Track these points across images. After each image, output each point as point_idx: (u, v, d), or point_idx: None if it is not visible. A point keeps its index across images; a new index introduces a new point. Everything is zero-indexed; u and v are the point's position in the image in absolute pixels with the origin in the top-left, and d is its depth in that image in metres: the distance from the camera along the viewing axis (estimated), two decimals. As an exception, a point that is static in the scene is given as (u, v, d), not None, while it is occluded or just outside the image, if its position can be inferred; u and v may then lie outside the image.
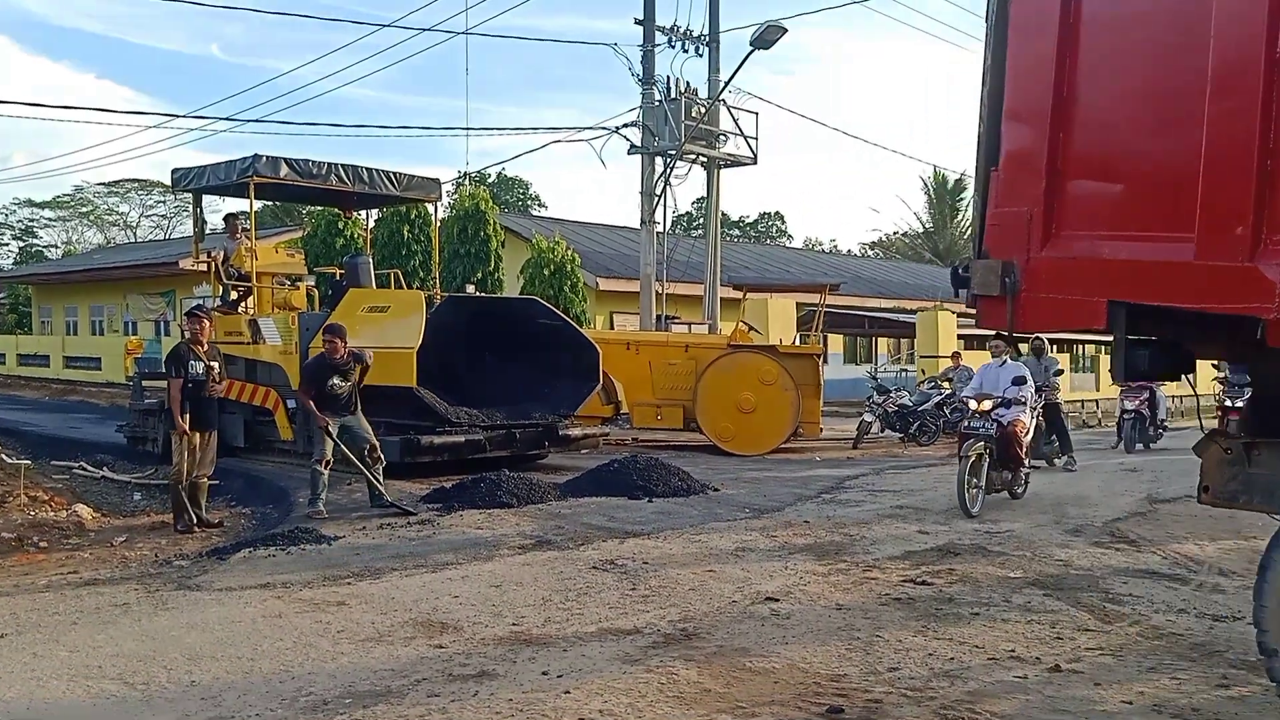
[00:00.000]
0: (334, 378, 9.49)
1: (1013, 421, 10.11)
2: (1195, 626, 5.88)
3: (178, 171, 13.55)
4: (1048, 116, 4.40)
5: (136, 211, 59.33)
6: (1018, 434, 10.07)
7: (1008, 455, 10.04)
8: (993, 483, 9.98)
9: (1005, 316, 4.53)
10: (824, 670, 5.04)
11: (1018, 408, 10.23)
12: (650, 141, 19.56)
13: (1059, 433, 13.70)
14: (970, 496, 9.54)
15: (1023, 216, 4.47)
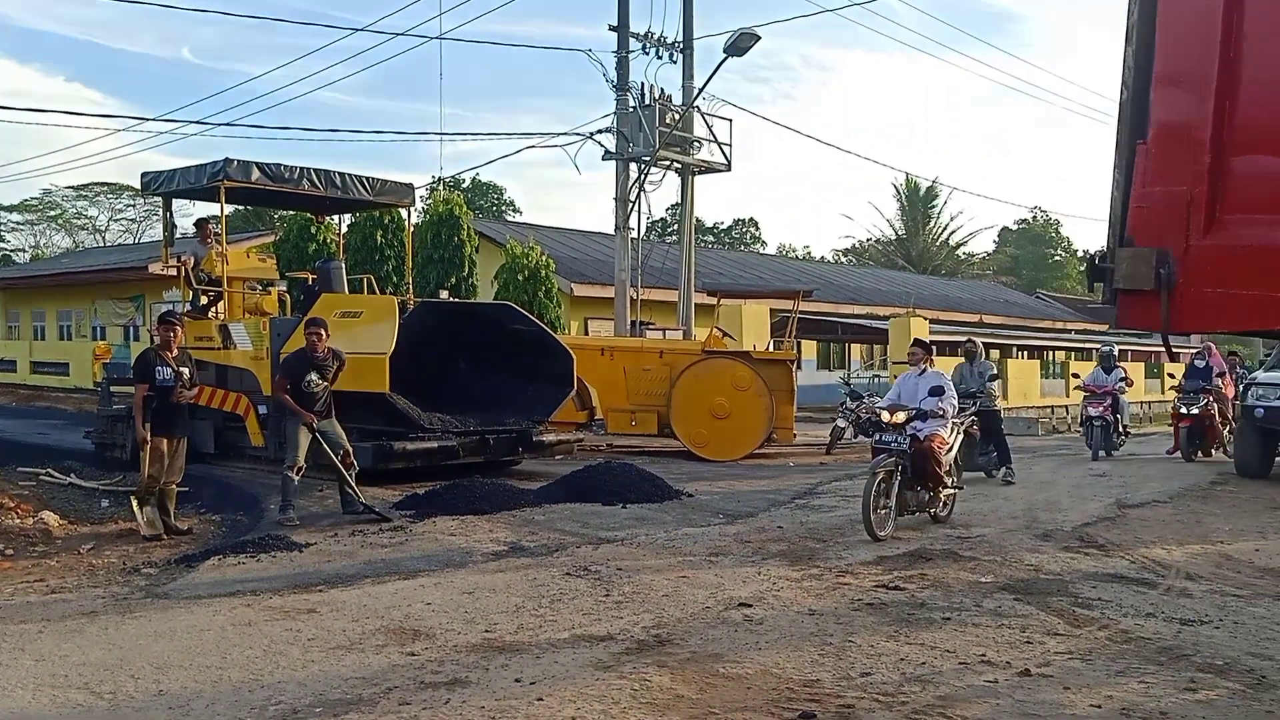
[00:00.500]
0: (312, 373, 9.39)
1: (929, 436, 9.07)
2: (1163, 630, 5.94)
3: (147, 175, 13.42)
4: (1212, 81, 3.74)
5: (105, 215, 58.82)
6: (935, 450, 9.02)
7: (923, 473, 9.06)
8: (907, 503, 9.10)
9: (1157, 315, 3.86)
10: (797, 676, 5.05)
11: (935, 421, 9.18)
12: (625, 148, 19.58)
13: (997, 443, 12.85)
14: (878, 519, 8.66)
15: (1180, 197, 3.81)
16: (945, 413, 9.23)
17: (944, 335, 29.90)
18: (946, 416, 9.27)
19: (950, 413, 9.31)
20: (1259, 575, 7.61)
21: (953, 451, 9.58)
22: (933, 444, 9.01)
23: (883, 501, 8.77)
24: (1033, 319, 44.76)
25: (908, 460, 8.97)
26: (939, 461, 9.07)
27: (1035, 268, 69.39)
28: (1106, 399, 16.21)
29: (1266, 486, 12.81)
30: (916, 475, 9.05)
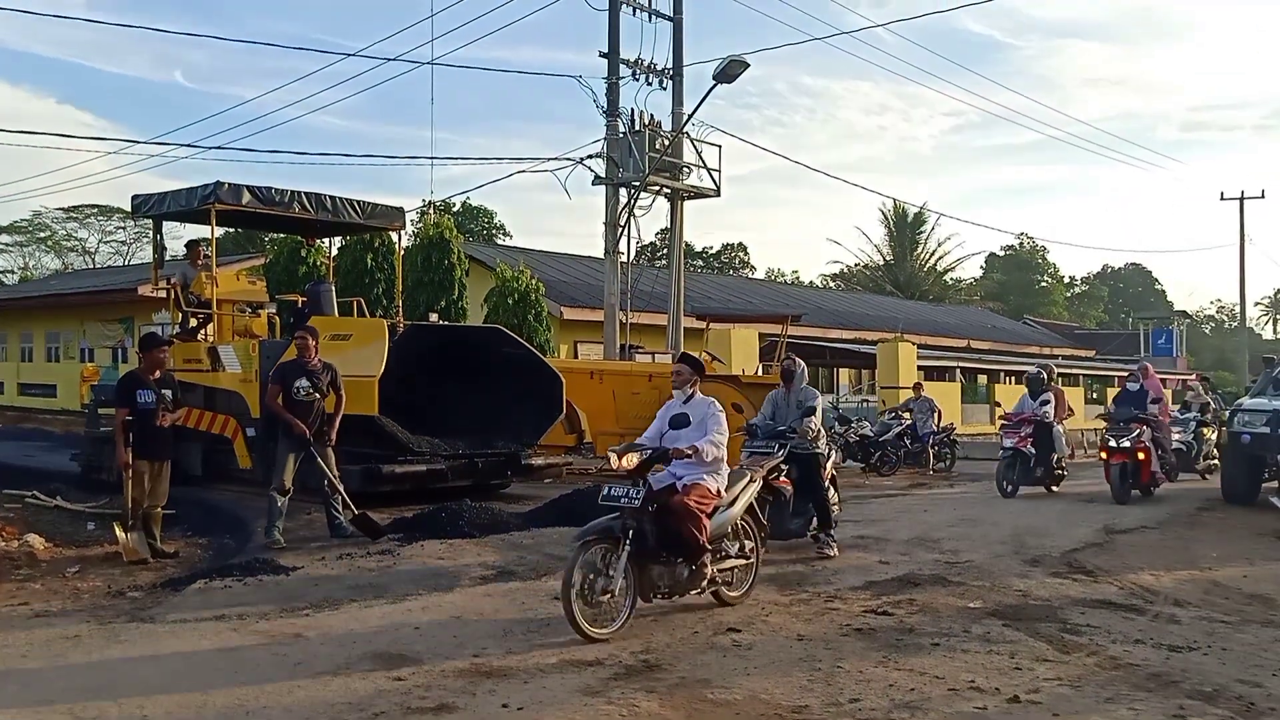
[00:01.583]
0: (302, 379, 9.31)
1: (690, 485, 6.59)
2: (1152, 657, 5.94)
3: (138, 197, 13.42)
4: None
5: (95, 237, 58.68)
6: (690, 506, 6.43)
7: (674, 540, 6.42)
8: (653, 583, 6.45)
9: None
10: (785, 701, 5.04)
11: (697, 466, 6.70)
12: (614, 173, 19.67)
13: (816, 501, 9.17)
14: (592, 610, 6.08)
15: None
16: (707, 455, 6.63)
17: (931, 360, 30.01)
18: (708, 460, 6.65)
19: (714, 454, 6.68)
20: (1247, 601, 7.63)
21: (733, 509, 7.01)
22: (690, 499, 6.45)
23: (601, 583, 6.12)
24: (1020, 344, 44.95)
25: (647, 522, 6.35)
26: (699, 524, 6.40)
27: (1022, 293, 69.75)
28: (1025, 427, 14.33)
29: (1253, 512, 12.85)
30: (663, 543, 6.42)
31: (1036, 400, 14.53)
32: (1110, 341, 53.74)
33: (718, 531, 6.76)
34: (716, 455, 6.72)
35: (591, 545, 6.24)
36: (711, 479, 6.71)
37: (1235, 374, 44.47)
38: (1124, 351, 49.25)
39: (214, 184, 12.18)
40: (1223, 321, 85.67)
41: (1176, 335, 49.65)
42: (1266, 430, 13.10)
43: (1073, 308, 76.66)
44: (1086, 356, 47.34)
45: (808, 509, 9.20)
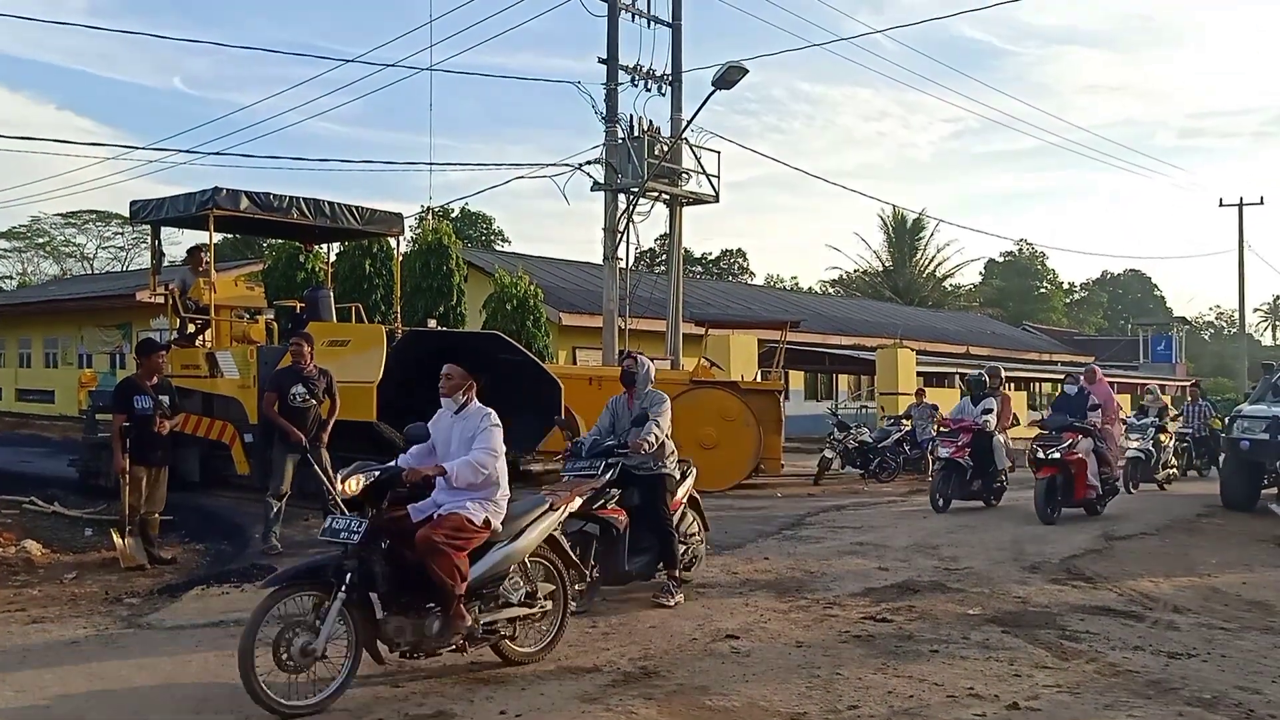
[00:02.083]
0: (298, 385, 9.31)
1: (445, 516, 5.31)
2: (1151, 664, 5.93)
3: (136, 203, 13.42)
4: None
5: (94, 243, 58.69)
6: (436, 541, 5.13)
7: (416, 584, 5.21)
8: (387, 638, 5.14)
9: None
10: (784, 708, 5.02)
11: (461, 494, 5.41)
12: (613, 178, 19.66)
13: (660, 535, 7.33)
14: (277, 682, 4.81)
15: None
16: (459, 478, 5.35)
17: (931, 367, 30.01)
18: (463, 483, 5.36)
19: (474, 477, 5.38)
20: (1246, 608, 7.62)
21: (515, 545, 5.61)
22: (434, 533, 5.15)
23: (301, 642, 4.87)
24: (1019, 350, 44.97)
25: (379, 561, 5.12)
26: (446, 563, 5.12)
27: (1021, 300, 69.81)
28: (963, 436, 13.06)
29: (1253, 519, 12.84)
30: (402, 587, 5.19)
31: (978, 406, 13.39)
32: (1109, 348, 53.78)
33: (491, 572, 5.45)
34: (484, 477, 5.41)
35: (289, 593, 4.99)
36: (478, 507, 5.37)
37: (1234, 380, 44.48)
38: (1123, 358, 49.33)
39: (212, 189, 12.18)
40: (1222, 328, 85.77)
41: (1176, 341, 49.73)
42: (1266, 437, 13.10)
43: (1072, 314, 76.75)
44: (1086, 363, 47.34)
45: (653, 544, 7.37)
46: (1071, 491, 12.23)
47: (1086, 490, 12.30)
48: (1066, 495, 12.20)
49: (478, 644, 5.47)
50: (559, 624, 5.92)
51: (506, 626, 5.61)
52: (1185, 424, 19.25)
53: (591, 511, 6.83)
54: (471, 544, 5.34)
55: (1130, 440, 16.02)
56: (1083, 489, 12.29)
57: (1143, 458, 16.00)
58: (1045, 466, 12.13)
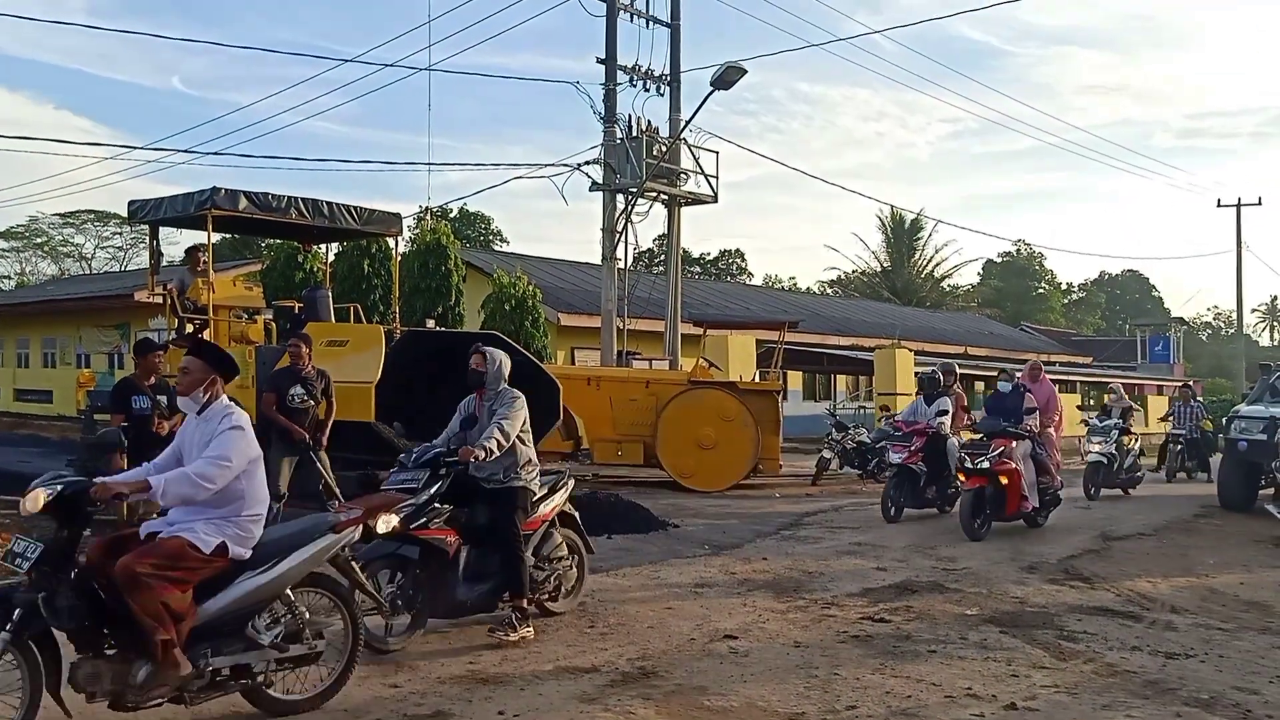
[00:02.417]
0: (296, 386, 9.35)
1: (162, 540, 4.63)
2: (1149, 664, 5.94)
3: (135, 203, 13.40)
4: None
5: (92, 243, 58.61)
6: (138, 573, 4.34)
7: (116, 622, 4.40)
8: (78, 684, 4.31)
9: None
10: (782, 708, 5.03)
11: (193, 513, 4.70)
12: (612, 179, 19.67)
13: (505, 559, 6.29)
14: None
15: None
16: (165, 493, 4.56)
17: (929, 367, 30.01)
18: (199, 498, 4.59)
19: (195, 491, 4.57)
20: (1244, 608, 7.62)
21: (268, 577, 4.77)
22: (137, 563, 4.36)
23: None
24: (1017, 351, 44.95)
25: (66, 595, 4.27)
26: (149, 599, 4.31)
27: (1019, 300, 69.82)
28: (914, 441, 12.08)
29: (1250, 519, 12.85)
30: (98, 624, 4.38)
31: (932, 407, 12.33)
32: (1107, 348, 53.80)
33: (234, 608, 4.61)
34: (207, 493, 4.55)
35: None
36: (210, 530, 4.56)
37: (1232, 381, 44.51)
38: (1121, 358, 49.34)
39: (211, 189, 12.17)
40: (1220, 328, 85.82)
41: (1173, 342, 49.72)
42: (1263, 437, 13.11)
43: (1070, 314, 76.78)
44: (1083, 363, 47.38)
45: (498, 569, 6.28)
46: (1003, 505, 10.82)
47: (1020, 503, 10.94)
48: (997, 509, 10.82)
49: (219, 691, 4.63)
50: (342, 667, 5.03)
51: (262, 671, 4.70)
52: (1177, 425, 19.06)
53: (410, 531, 5.89)
54: (196, 575, 4.48)
55: (1092, 443, 15.35)
56: (1015, 502, 10.90)
57: (1105, 462, 15.08)
58: (973, 476, 10.74)
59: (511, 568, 6.27)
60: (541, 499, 6.66)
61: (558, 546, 6.79)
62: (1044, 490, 11.50)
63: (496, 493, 6.41)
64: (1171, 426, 19.27)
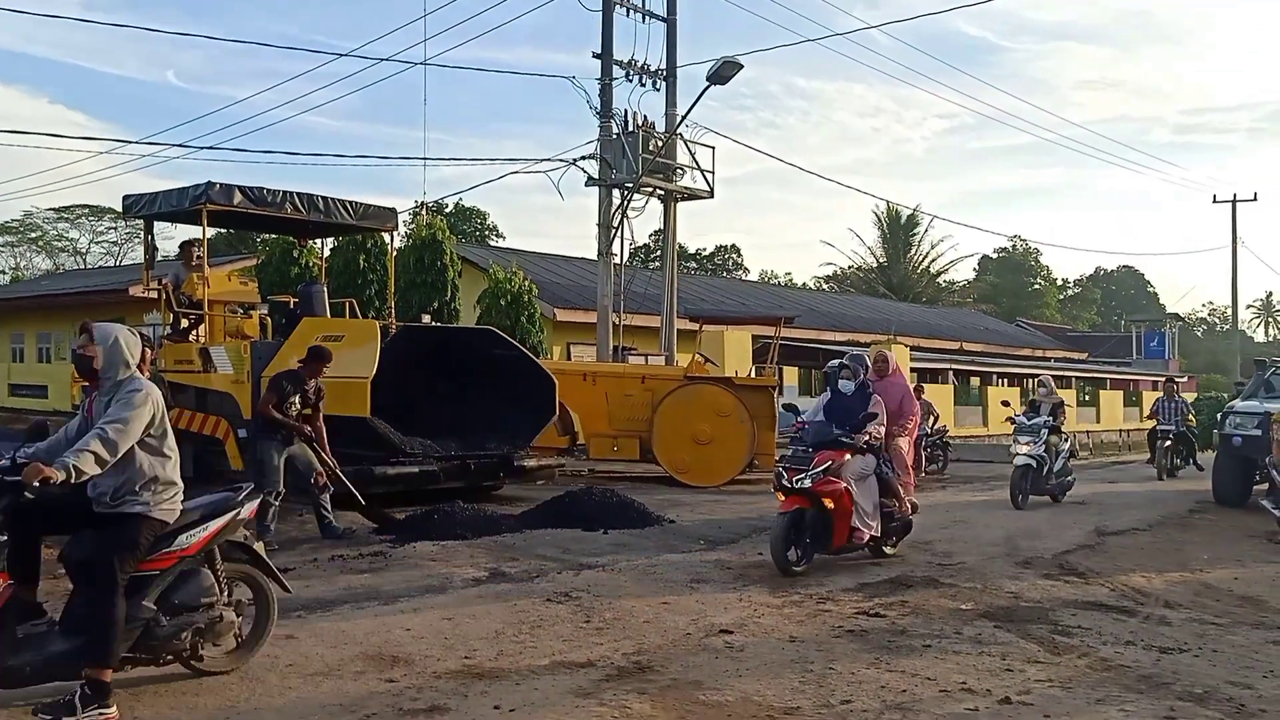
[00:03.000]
0: (296, 396, 9.45)
1: None
2: (1143, 658, 5.95)
3: (129, 198, 13.37)
4: None
5: (87, 237, 58.51)
6: None
7: None
8: None
9: None
10: (777, 703, 5.04)
11: None
12: (608, 174, 19.66)
13: (91, 614, 4.71)
14: None
15: None
16: None
17: (925, 363, 30.06)
18: None
19: None
20: (1238, 603, 7.65)
21: None
22: None
23: None
24: (1013, 347, 45.05)
25: None
26: None
27: (1015, 296, 69.91)
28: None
29: (1245, 515, 12.88)
30: None
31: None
32: (1103, 344, 53.92)
33: None
34: None
35: None
36: None
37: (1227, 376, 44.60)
38: (1117, 354, 49.45)
39: (205, 184, 12.14)
40: (1215, 324, 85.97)
41: (1169, 338, 49.84)
42: (1258, 433, 13.14)
43: (1065, 310, 76.88)
44: (1079, 359, 47.46)
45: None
46: (827, 534, 8.42)
47: (852, 534, 8.53)
48: (820, 539, 8.41)
49: None
50: None
51: None
52: (1164, 421, 18.74)
53: None
54: None
55: (1019, 444, 13.37)
56: (844, 532, 8.47)
57: (1033, 465, 13.19)
58: (791, 496, 8.36)
59: (96, 624, 4.63)
60: (185, 527, 5.01)
61: (207, 589, 5.13)
62: (889, 516, 9.00)
63: (104, 519, 4.80)
64: (1158, 423, 19.02)
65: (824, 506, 8.32)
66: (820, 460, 8.35)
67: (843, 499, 8.39)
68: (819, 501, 8.32)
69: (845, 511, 8.43)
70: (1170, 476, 18.20)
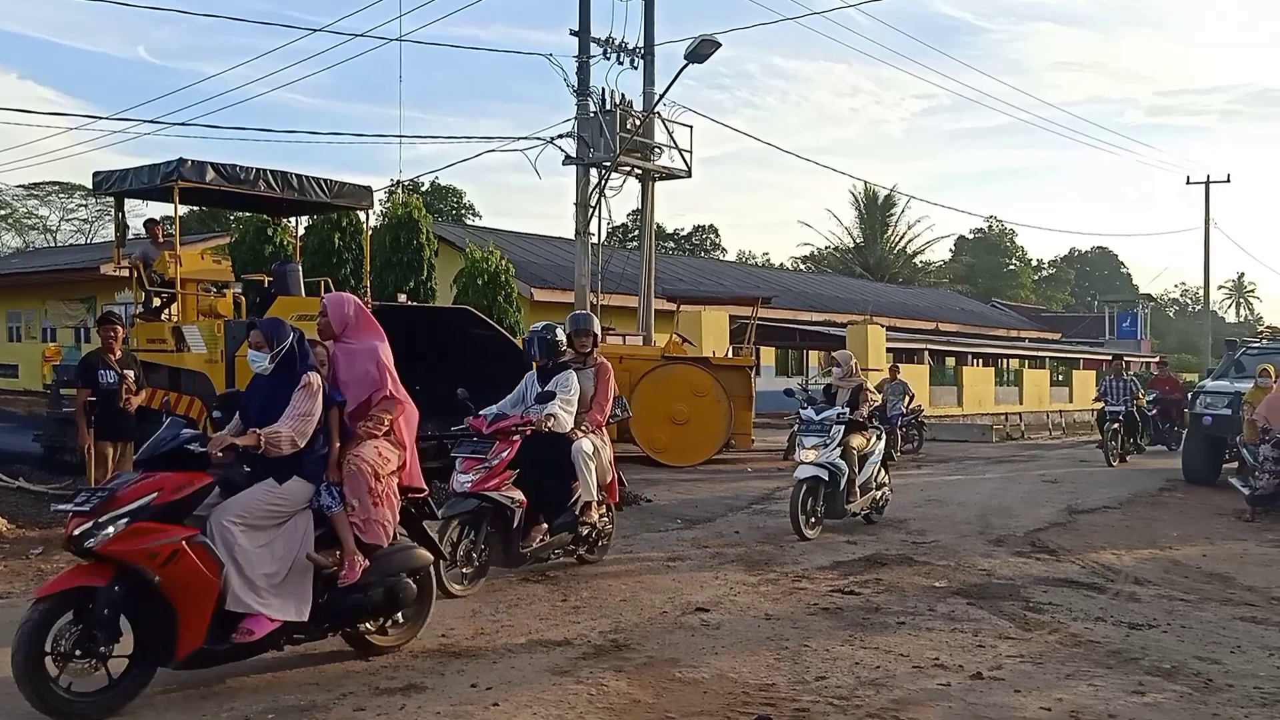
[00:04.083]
0: None
1: None
2: (1112, 634, 6.04)
3: (100, 174, 13.20)
4: None
5: (57, 215, 57.65)
6: None
7: None
8: None
9: None
10: (753, 680, 5.08)
11: None
12: (585, 153, 19.56)
13: None
14: None
15: None
16: None
17: (901, 343, 30.21)
18: None
19: None
20: (1206, 580, 7.76)
21: None
22: None
23: None
24: (988, 327, 45.32)
25: None
26: None
27: (990, 276, 70.28)
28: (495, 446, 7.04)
29: (1214, 493, 13.06)
30: None
31: (553, 382, 7.37)
32: (1076, 325, 54.31)
33: None
34: None
35: None
36: None
37: (1199, 357, 45.06)
38: (1090, 334, 49.83)
39: (177, 161, 12.00)
40: (1187, 305, 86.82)
41: (1141, 318, 50.25)
42: (1228, 412, 13.31)
43: (1040, 291, 77.38)
44: (1053, 339, 47.82)
45: None
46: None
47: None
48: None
49: None
50: None
51: None
52: (1111, 402, 17.45)
53: None
54: None
55: (804, 448, 9.40)
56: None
57: (823, 478, 9.20)
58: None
59: None
60: None
61: None
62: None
63: None
64: (1105, 404, 17.68)
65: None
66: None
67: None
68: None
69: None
70: (1121, 462, 17.23)
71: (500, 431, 7.07)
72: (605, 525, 7.74)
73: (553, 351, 7.58)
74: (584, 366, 7.80)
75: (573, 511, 7.28)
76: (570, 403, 7.31)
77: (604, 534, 7.80)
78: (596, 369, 7.89)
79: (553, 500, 7.20)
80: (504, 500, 6.87)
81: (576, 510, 7.28)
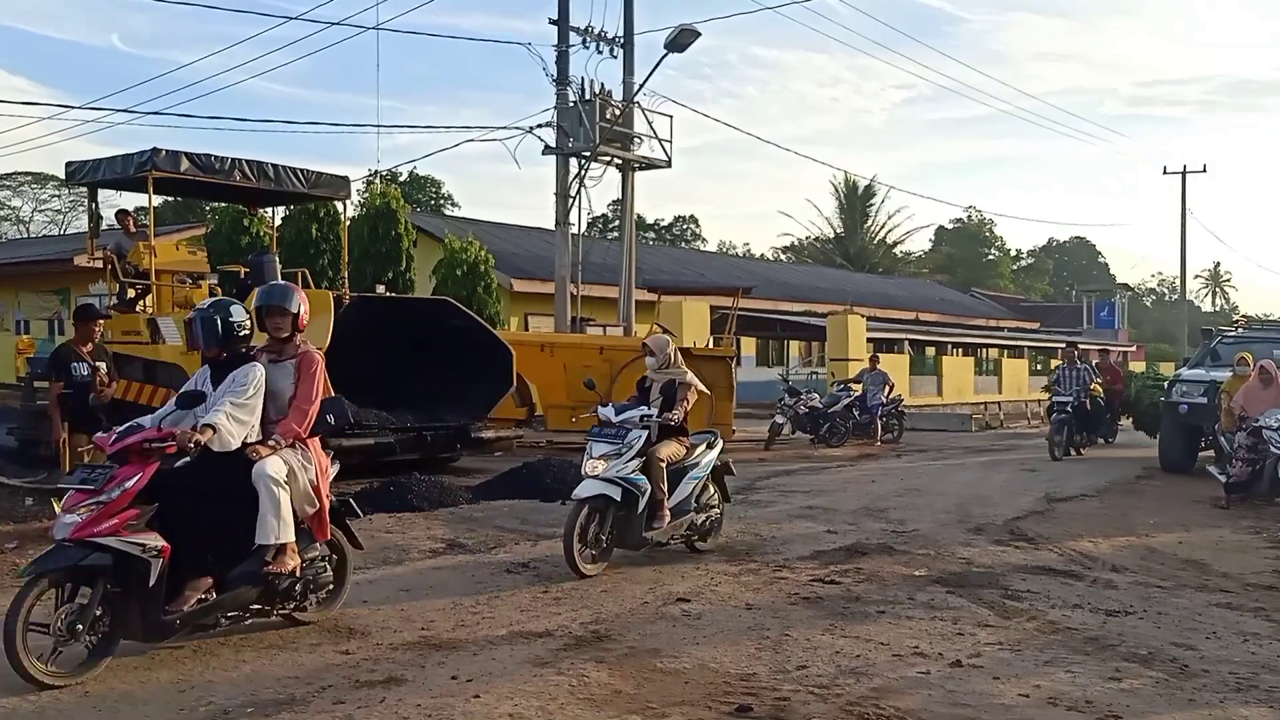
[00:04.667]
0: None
1: None
2: (1090, 621, 6.08)
3: (73, 164, 13.06)
4: None
5: (29, 206, 57.13)
6: None
7: None
8: None
9: None
10: (734, 669, 5.08)
11: None
12: (565, 142, 19.52)
13: None
14: None
15: None
16: None
17: (881, 333, 30.32)
18: None
19: None
20: (1182, 567, 7.82)
21: None
22: None
23: None
24: (967, 316, 45.55)
25: None
26: None
27: (970, 266, 70.63)
28: None
29: (1190, 481, 13.17)
30: None
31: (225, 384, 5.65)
32: (1055, 314, 54.65)
33: None
34: None
35: None
36: None
37: (1175, 346, 45.46)
38: (1068, 324, 50.14)
39: (151, 150, 11.89)
40: (1163, 294, 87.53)
41: (1118, 308, 50.63)
42: (1204, 400, 13.42)
43: (1019, 280, 77.84)
44: (1032, 329, 48.11)
45: None
46: None
47: None
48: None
49: None
50: None
51: None
52: (1062, 391, 16.41)
53: None
54: None
55: (592, 457, 7.39)
56: None
57: (614, 498, 7.12)
58: None
59: None
60: None
61: None
62: None
63: None
64: (1054, 394, 16.64)
65: None
66: None
67: None
68: None
69: None
70: (1067, 455, 15.89)
71: (127, 450, 5.17)
72: None
73: (230, 338, 5.64)
74: (280, 358, 5.71)
75: (259, 558, 5.28)
76: (246, 408, 5.39)
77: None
78: (299, 360, 5.71)
79: (227, 544, 5.28)
80: (128, 549, 4.84)
81: (267, 556, 5.28)
